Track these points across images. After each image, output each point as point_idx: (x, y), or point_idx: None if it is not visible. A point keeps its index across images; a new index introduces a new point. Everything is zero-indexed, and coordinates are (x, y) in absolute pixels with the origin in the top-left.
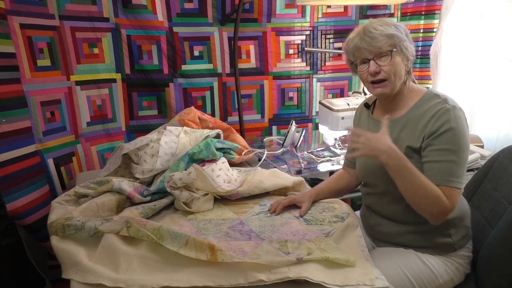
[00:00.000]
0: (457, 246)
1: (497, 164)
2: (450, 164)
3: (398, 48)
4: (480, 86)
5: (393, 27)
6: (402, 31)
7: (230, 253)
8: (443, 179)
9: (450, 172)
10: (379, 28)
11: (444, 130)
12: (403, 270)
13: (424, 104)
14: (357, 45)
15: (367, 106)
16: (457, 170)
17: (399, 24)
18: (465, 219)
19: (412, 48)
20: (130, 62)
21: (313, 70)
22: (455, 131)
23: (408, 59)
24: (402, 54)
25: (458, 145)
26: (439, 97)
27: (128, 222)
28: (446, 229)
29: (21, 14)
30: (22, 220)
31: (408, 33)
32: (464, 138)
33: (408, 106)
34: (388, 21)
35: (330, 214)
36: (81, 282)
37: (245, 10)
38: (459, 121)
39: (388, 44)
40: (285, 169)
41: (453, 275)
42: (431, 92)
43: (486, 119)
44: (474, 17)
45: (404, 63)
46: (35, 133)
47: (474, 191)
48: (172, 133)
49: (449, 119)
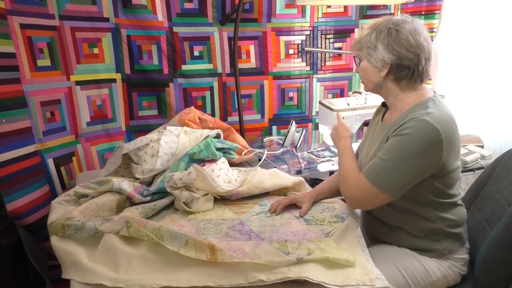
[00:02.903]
0: (446, 251)
1: (500, 165)
2: (379, 161)
3: (363, 55)
4: (480, 86)
5: (370, 31)
6: (372, 37)
7: (230, 253)
8: (365, 170)
9: (373, 166)
10: (364, 32)
11: (398, 134)
12: (397, 267)
13: (410, 113)
14: None
15: (384, 105)
16: (382, 170)
17: (380, 29)
18: (456, 227)
19: (386, 55)
20: (130, 62)
21: (313, 70)
22: (404, 138)
23: (376, 66)
24: (367, 60)
25: (398, 151)
26: (427, 108)
27: (128, 222)
28: (433, 235)
29: (21, 14)
30: (22, 220)
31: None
32: (408, 150)
33: (402, 111)
34: (375, 23)
35: (330, 214)
36: (81, 282)
37: (245, 10)
38: (417, 133)
39: (356, 48)
40: (285, 169)
41: (446, 273)
42: (425, 101)
43: (486, 119)
44: (474, 17)
45: (374, 70)
46: (35, 133)
47: (477, 192)
48: (172, 133)
49: (410, 127)
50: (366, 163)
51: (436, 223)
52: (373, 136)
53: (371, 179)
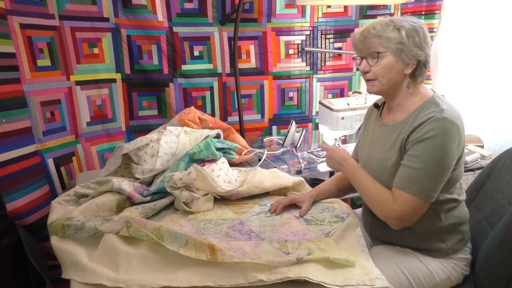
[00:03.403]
0: (451, 251)
1: (499, 165)
2: (414, 171)
3: (390, 51)
4: (480, 86)
5: (391, 30)
6: (404, 34)
7: (230, 253)
8: (401, 184)
9: (409, 178)
10: (377, 28)
11: (423, 138)
12: (400, 268)
13: (422, 110)
14: (354, 42)
15: (376, 106)
16: (420, 179)
17: (406, 26)
18: (462, 225)
19: (417, 51)
20: (130, 62)
21: (313, 70)
22: (433, 141)
23: (407, 63)
24: (397, 56)
25: (431, 156)
26: (438, 105)
27: (128, 222)
28: (440, 234)
29: (21, 14)
30: (22, 220)
31: (416, 36)
32: (440, 151)
33: (409, 111)
34: (395, 20)
35: (330, 214)
36: (81, 282)
37: (245, 10)
38: (443, 133)
39: (379, 45)
40: (285, 169)
41: (450, 274)
42: (433, 99)
43: (486, 119)
44: (474, 17)
45: (400, 67)
46: (35, 133)
47: (476, 192)
48: (172, 133)
49: (433, 128)
50: (375, 167)
51: (444, 221)
52: (375, 138)
53: (414, 192)
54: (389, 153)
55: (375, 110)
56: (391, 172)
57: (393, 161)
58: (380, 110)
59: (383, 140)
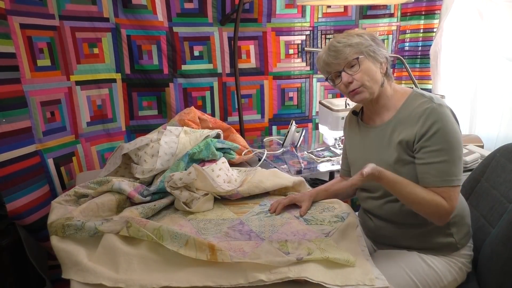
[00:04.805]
0: (459, 245)
1: (494, 162)
2: (445, 164)
3: (364, 54)
4: (480, 86)
5: (355, 37)
6: (367, 38)
7: (230, 253)
8: (441, 180)
9: (446, 172)
10: (342, 40)
11: (434, 131)
12: (408, 273)
13: (411, 104)
14: (325, 61)
15: (355, 113)
16: (452, 168)
17: (362, 32)
18: (465, 217)
19: (382, 51)
20: (130, 62)
21: (313, 70)
22: (444, 130)
23: (380, 62)
24: (371, 58)
25: (449, 143)
26: (424, 96)
27: (128, 222)
28: (448, 229)
29: (21, 14)
30: (22, 220)
31: (376, 38)
32: (454, 135)
33: (396, 108)
34: (351, 32)
35: (330, 214)
36: (81, 282)
37: (245, 10)
38: (447, 119)
39: (353, 52)
40: (285, 169)
41: (457, 275)
42: (416, 92)
43: (486, 119)
44: (474, 17)
45: (377, 67)
46: (35, 133)
47: (471, 190)
48: (172, 133)
49: (437, 119)
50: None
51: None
52: (366, 141)
53: (453, 182)
54: (388, 151)
55: (353, 117)
56: (395, 169)
57: (395, 157)
58: (360, 116)
59: (377, 140)
